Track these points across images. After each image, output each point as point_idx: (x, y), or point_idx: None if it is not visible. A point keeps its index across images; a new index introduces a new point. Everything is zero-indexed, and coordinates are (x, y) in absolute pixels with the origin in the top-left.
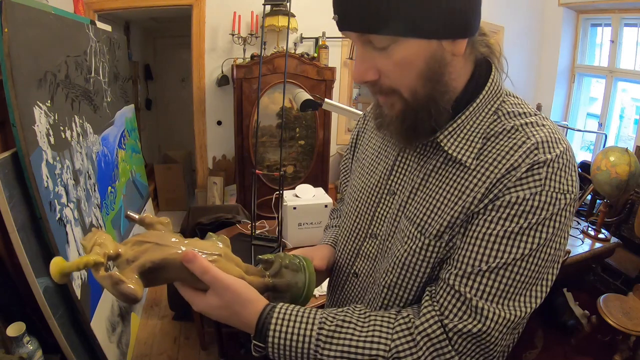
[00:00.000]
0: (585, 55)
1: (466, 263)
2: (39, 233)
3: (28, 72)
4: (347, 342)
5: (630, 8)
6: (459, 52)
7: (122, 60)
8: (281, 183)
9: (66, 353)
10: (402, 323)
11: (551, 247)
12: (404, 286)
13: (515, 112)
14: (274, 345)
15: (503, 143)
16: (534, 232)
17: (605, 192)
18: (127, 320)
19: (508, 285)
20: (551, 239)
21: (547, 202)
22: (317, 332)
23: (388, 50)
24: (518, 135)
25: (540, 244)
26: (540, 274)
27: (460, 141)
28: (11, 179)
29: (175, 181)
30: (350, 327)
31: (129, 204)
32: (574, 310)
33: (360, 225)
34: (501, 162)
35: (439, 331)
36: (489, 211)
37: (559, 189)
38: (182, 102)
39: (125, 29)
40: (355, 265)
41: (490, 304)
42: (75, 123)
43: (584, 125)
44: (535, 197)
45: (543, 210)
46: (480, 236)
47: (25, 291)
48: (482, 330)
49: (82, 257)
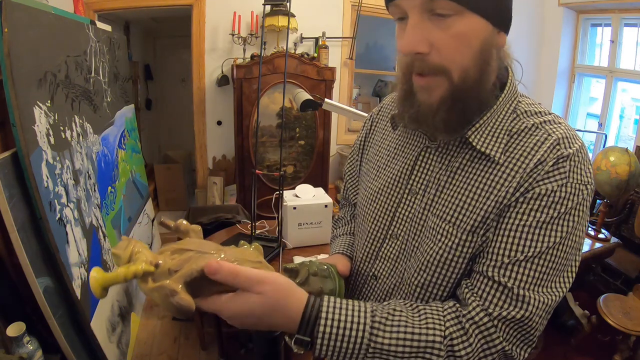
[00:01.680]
0: (585, 55)
1: (502, 254)
2: (39, 233)
3: (28, 72)
4: (402, 328)
5: (630, 8)
6: (501, 45)
7: (122, 60)
8: (281, 183)
9: (66, 353)
10: (452, 312)
11: (576, 234)
12: (439, 283)
13: (531, 112)
14: (324, 335)
15: (527, 139)
16: (562, 222)
17: (605, 192)
18: (127, 320)
19: (543, 273)
20: (576, 227)
21: (573, 192)
22: (370, 319)
23: (448, 20)
24: (539, 132)
25: (569, 232)
26: (568, 260)
27: (487, 137)
28: (11, 179)
29: (175, 181)
30: (402, 315)
31: (129, 204)
32: (574, 310)
33: (378, 226)
34: (528, 157)
35: (485, 319)
36: (521, 203)
37: (580, 181)
38: (182, 102)
39: (125, 29)
40: (375, 267)
41: (530, 291)
42: (75, 123)
43: (584, 125)
44: (562, 188)
45: (569, 201)
46: (514, 227)
47: (25, 291)
48: (525, 316)
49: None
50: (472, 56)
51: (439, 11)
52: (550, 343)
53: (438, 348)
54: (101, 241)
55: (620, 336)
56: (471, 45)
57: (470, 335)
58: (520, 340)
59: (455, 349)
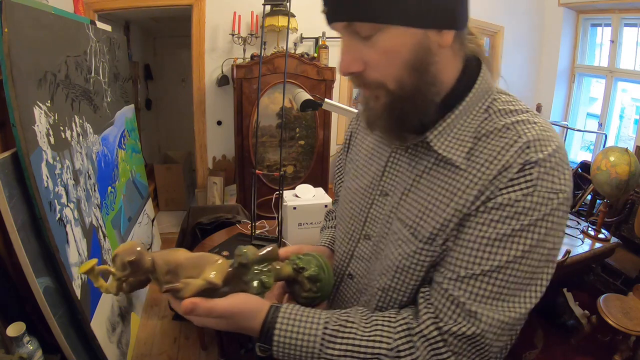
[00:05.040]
0: (585, 55)
1: (459, 266)
2: (39, 233)
3: (28, 72)
4: (350, 340)
5: (630, 8)
6: (445, 44)
7: (122, 60)
8: (281, 183)
9: (66, 353)
10: (403, 324)
11: (544, 247)
12: (398, 289)
13: (506, 110)
14: (279, 344)
15: (494, 142)
16: (526, 234)
17: (605, 192)
18: (127, 320)
19: (502, 287)
20: (544, 240)
21: (539, 202)
22: (322, 331)
23: (373, 39)
24: (509, 134)
25: (533, 245)
26: (534, 274)
27: (451, 140)
28: (11, 179)
29: (175, 181)
30: (353, 327)
31: (129, 204)
32: (574, 310)
33: (354, 226)
34: (493, 163)
35: (435, 332)
36: (481, 213)
37: (550, 189)
38: (182, 102)
39: (125, 29)
40: (350, 266)
41: (483, 307)
42: (75, 123)
43: (584, 125)
44: (527, 197)
45: (535, 211)
46: (473, 239)
47: (25, 291)
48: (476, 332)
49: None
50: (404, 66)
51: (361, 33)
52: (550, 343)
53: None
54: (101, 241)
55: (620, 336)
56: (401, 56)
57: (417, 349)
58: (474, 354)
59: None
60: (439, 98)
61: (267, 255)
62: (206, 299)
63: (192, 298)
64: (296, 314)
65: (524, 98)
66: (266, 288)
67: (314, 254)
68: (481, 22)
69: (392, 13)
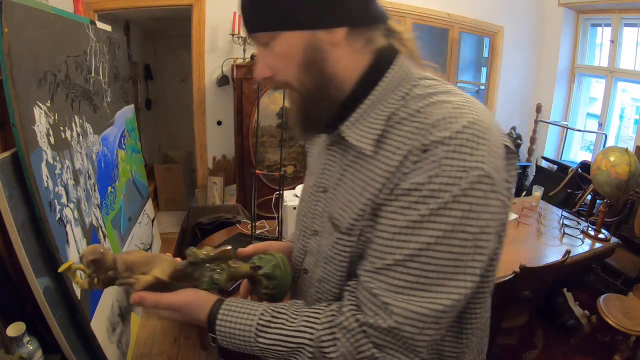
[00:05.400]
0: (585, 55)
1: (375, 257)
2: (39, 233)
3: (28, 72)
4: (279, 330)
5: (630, 8)
6: (337, 42)
7: (122, 60)
8: (281, 183)
9: (66, 353)
10: (329, 315)
11: (465, 231)
12: (328, 279)
13: (423, 94)
14: (221, 334)
15: (405, 128)
16: (437, 218)
17: (605, 192)
18: (127, 320)
19: (418, 277)
20: (462, 223)
21: (447, 182)
22: (257, 321)
23: (270, 46)
24: (420, 117)
25: (448, 230)
26: (458, 262)
27: (363, 130)
28: (11, 179)
29: (175, 181)
30: (283, 318)
31: (129, 204)
32: (574, 310)
33: (305, 223)
34: (400, 149)
35: (355, 324)
36: (391, 201)
37: (459, 167)
38: (182, 102)
39: (125, 29)
40: (305, 261)
41: (397, 298)
42: (75, 123)
43: (584, 125)
44: (433, 179)
45: (443, 192)
46: (385, 229)
47: (25, 291)
48: (392, 326)
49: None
50: (299, 67)
51: (262, 41)
52: (550, 343)
53: (308, 351)
54: (101, 241)
55: (620, 336)
56: (294, 58)
57: (339, 340)
58: (399, 347)
59: (326, 352)
60: (344, 92)
61: (220, 254)
62: (155, 293)
63: (141, 292)
64: (237, 306)
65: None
66: (217, 284)
67: (275, 253)
68: (481, 22)
69: (279, 20)
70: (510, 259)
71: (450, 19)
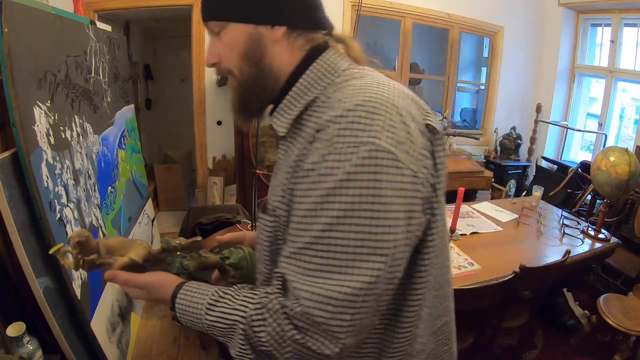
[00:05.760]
0: (585, 55)
1: (289, 241)
2: (39, 233)
3: (28, 72)
4: (222, 308)
5: (630, 8)
6: (277, 39)
7: (122, 60)
8: None
9: (66, 353)
10: (262, 296)
11: (366, 209)
12: (260, 260)
13: (340, 82)
14: (179, 312)
15: (316, 115)
16: (334, 197)
17: (605, 192)
18: (127, 320)
19: (325, 259)
20: (360, 200)
21: (339, 159)
22: (207, 301)
23: (220, 35)
24: (329, 102)
25: (348, 208)
26: (364, 242)
27: (285, 117)
28: (11, 179)
29: (175, 181)
30: (226, 298)
31: (129, 204)
32: (574, 310)
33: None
34: (308, 133)
35: (278, 306)
36: (297, 184)
37: (349, 143)
38: (182, 102)
39: (125, 29)
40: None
41: (306, 283)
42: (75, 123)
43: (584, 125)
44: (326, 157)
45: (336, 170)
46: (295, 212)
47: (25, 291)
48: (303, 310)
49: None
50: (240, 56)
51: (213, 30)
52: (550, 343)
53: (241, 328)
54: None
55: (620, 336)
56: (238, 48)
57: (266, 320)
58: (316, 332)
59: (256, 331)
60: (278, 85)
61: (191, 244)
62: (128, 272)
63: (115, 270)
64: (195, 288)
65: (524, 98)
66: (186, 270)
67: (245, 248)
68: (481, 22)
69: (228, 12)
70: (510, 259)
71: (450, 19)
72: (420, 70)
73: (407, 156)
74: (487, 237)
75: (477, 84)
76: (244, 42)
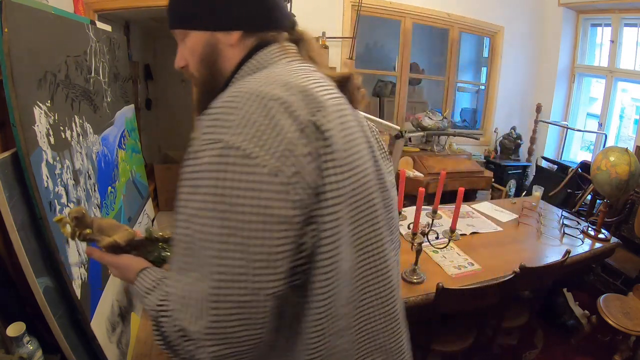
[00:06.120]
0: (585, 55)
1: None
2: (39, 233)
3: (28, 72)
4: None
5: (630, 8)
6: (232, 43)
7: (122, 60)
8: None
9: (66, 353)
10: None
11: (214, 209)
12: None
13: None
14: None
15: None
16: (189, 196)
17: (605, 192)
18: (127, 320)
19: (185, 257)
20: (206, 200)
21: (193, 157)
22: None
23: (184, 41)
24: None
25: (199, 207)
26: (208, 243)
27: None
28: (11, 179)
29: (175, 181)
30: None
31: (129, 204)
32: (574, 310)
33: None
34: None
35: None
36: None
37: (203, 140)
38: (182, 102)
39: (125, 29)
40: None
41: (172, 281)
42: (75, 123)
43: (584, 125)
44: (190, 156)
45: (192, 167)
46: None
47: (25, 291)
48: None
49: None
50: (198, 60)
51: (179, 37)
52: (550, 343)
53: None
54: None
55: (620, 336)
56: (197, 53)
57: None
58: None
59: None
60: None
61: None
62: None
63: (95, 248)
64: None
65: (524, 98)
66: (163, 260)
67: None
68: (481, 22)
69: (189, 21)
70: (510, 259)
71: (450, 19)
72: (420, 70)
73: (263, 152)
74: (487, 237)
75: (477, 84)
76: (201, 48)
